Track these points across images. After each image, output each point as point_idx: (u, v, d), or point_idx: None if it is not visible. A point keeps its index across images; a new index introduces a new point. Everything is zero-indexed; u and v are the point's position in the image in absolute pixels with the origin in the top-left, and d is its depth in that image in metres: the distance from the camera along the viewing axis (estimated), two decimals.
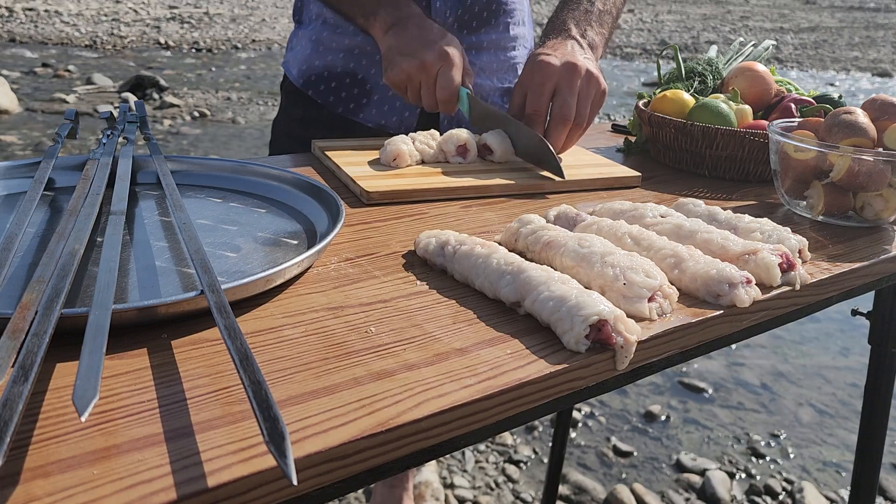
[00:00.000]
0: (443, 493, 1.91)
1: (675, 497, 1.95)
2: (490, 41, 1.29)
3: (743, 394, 2.46)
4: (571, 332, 0.56)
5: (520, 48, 1.35)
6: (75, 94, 6.41)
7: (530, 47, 1.39)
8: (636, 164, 1.14)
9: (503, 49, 1.31)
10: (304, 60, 1.31)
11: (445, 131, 1.07)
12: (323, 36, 1.28)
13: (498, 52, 1.30)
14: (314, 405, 0.48)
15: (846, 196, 0.90)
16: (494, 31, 1.29)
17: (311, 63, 1.30)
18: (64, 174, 0.88)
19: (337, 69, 1.28)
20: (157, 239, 0.73)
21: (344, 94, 1.29)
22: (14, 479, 0.40)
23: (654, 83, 3.13)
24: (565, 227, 0.79)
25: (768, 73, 1.20)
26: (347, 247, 0.76)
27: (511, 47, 1.33)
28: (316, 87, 1.30)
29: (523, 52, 1.36)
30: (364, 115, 1.28)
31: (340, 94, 1.29)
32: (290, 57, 1.36)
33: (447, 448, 0.51)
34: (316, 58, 1.29)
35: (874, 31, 14.48)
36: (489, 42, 1.29)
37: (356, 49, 1.26)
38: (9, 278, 0.62)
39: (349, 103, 1.29)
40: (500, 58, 1.31)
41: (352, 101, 1.28)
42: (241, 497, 0.42)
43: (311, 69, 1.30)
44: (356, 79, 1.27)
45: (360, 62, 1.27)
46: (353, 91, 1.28)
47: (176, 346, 0.54)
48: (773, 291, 0.69)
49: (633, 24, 13.92)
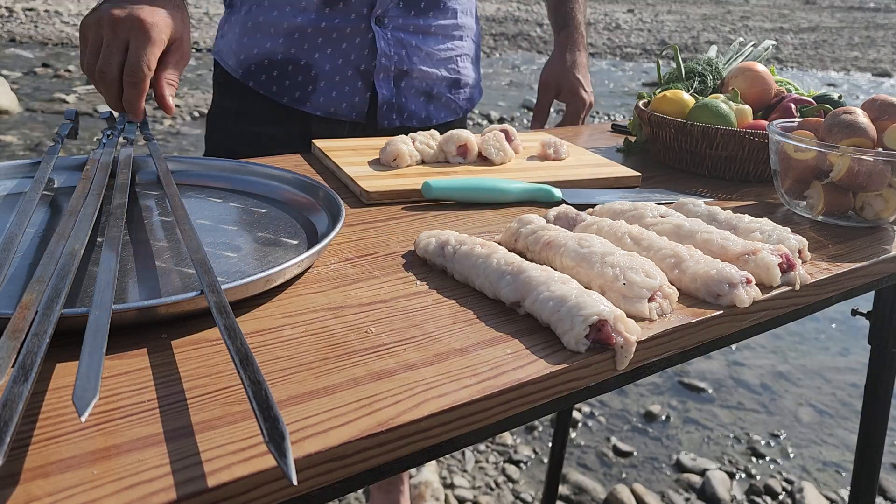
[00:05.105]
0: (443, 493, 1.91)
1: (675, 497, 1.95)
2: (438, 26, 1.26)
3: (743, 394, 2.46)
4: (571, 332, 0.56)
5: (466, 38, 1.33)
6: (75, 94, 6.41)
7: (477, 41, 1.38)
8: (636, 164, 1.14)
9: (449, 36, 1.29)
10: (240, 49, 1.23)
11: (385, 117, 1.15)
12: (259, 20, 1.20)
13: (445, 38, 1.28)
14: (314, 405, 0.48)
15: (846, 196, 0.90)
16: (443, 16, 1.26)
17: (248, 51, 1.22)
18: (64, 174, 0.88)
19: (277, 56, 1.20)
20: (157, 239, 0.73)
21: (288, 82, 1.21)
22: (14, 479, 0.40)
23: (654, 83, 3.13)
24: (565, 227, 0.79)
25: (768, 73, 1.20)
26: (347, 247, 0.76)
27: (458, 36, 1.30)
28: (257, 78, 1.22)
29: (469, 44, 1.34)
30: (311, 104, 1.22)
31: (284, 82, 1.21)
32: (223, 45, 1.27)
33: (447, 448, 0.51)
34: (253, 45, 1.21)
35: (874, 31, 14.48)
36: (437, 27, 1.26)
37: (296, 33, 1.19)
38: (9, 278, 0.62)
39: (294, 92, 1.22)
40: (447, 45, 1.28)
41: (297, 89, 1.21)
42: (241, 497, 0.42)
43: (250, 58, 1.22)
44: (299, 65, 1.20)
45: (301, 47, 1.20)
46: (298, 78, 1.21)
47: (176, 346, 0.54)
48: (773, 291, 0.69)
49: (633, 24, 13.92)
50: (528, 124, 4.28)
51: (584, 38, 1.42)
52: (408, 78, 1.24)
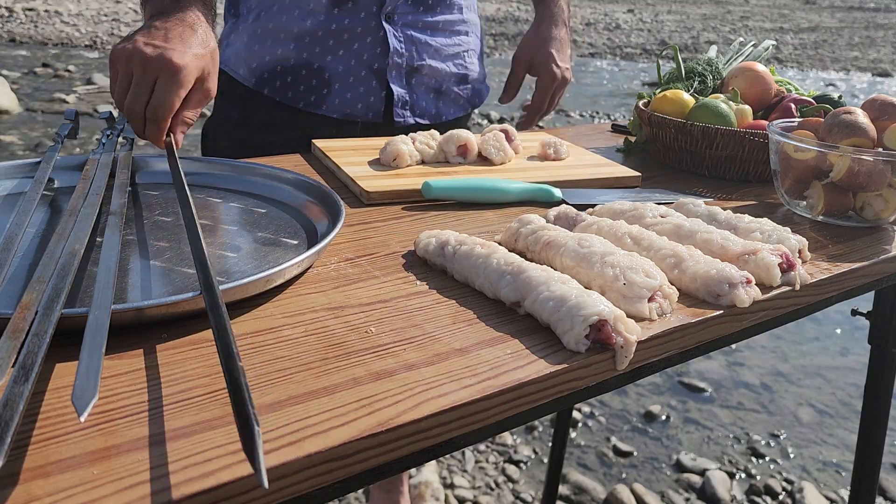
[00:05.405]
0: (443, 493, 1.91)
1: (675, 497, 1.95)
2: (445, 22, 1.27)
3: (743, 394, 2.46)
4: (571, 332, 0.56)
5: (471, 34, 1.34)
6: (75, 94, 6.41)
7: (480, 36, 1.39)
8: (636, 164, 1.14)
9: (456, 32, 1.29)
10: (251, 57, 1.22)
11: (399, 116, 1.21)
12: (268, 26, 1.20)
13: (451, 34, 1.29)
14: (314, 405, 0.48)
15: (846, 196, 0.90)
16: (449, 11, 1.27)
17: (260, 59, 1.21)
18: (64, 174, 0.88)
19: (290, 62, 1.20)
20: (157, 239, 0.73)
21: (303, 87, 1.21)
22: (14, 479, 0.40)
23: (654, 83, 3.13)
24: (565, 227, 0.79)
25: (768, 73, 1.20)
26: (347, 247, 0.76)
27: (464, 31, 1.31)
28: (271, 85, 1.22)
29: (474, 40, 1.35)
30: (327, 107, 1.22)
31: (299, 87, 1.21)
32: (230, 54, 1.26)
33: (447, 448, 0.51)
34: (264, 52, 1.21)
35: (874, 31, 14.48)
36: (444, 23, 1.27)
37: (306, 37, 1.19)
38: (9, 278, 0.62)
39: (310, 96, 1.22)
40: (454, 41, 1.29)
41: (312, 93, 1.22)
42: (241, 497, 0.42)
43: (262, 65, 1.21)
44: (312, 69, 1.20)
45: (313, 50, 1.19)
46: (312, 83, 1.21)
47: (176, 346, 0.54)
48: (773, 291, 0.69)
49: (633, 24, 13.92)
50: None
51: (563, 13, 1.38)
52: (418, 74, 1.25)
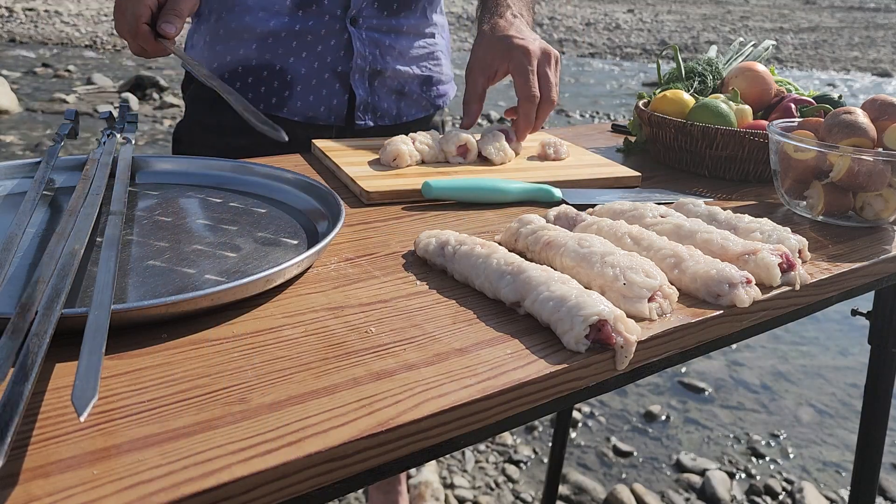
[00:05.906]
0: (443, 493, 1.91)
1: (675, 497, 1.95)
2: (410, 26, 1.25)
3: (743, 394, 2.46)
4: (571, 332, 0.56)
5: (438, 36, 1.32)
6: (75, 94, 6.41)
7: (447, 37, 1.37)
8: (636, 164, 1.14)
9: (422, 35, 1.28)
10: (213, 57, 1.19)
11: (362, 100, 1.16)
12: (231, 26, 1.17)
13: (417, 37, 1.27)
14: (314, 405, 0.48)
15: (846, 196, 0.90)
16: (413, 15, 1.25)
17: (221, 59, 1.18)
18: (64, 174, 0.88)
19: (252, 62, 1.17)
20: (156, 239, 0.73)
21: (264, 88, 1.18)
22: (14, 479, 0.40)
23: (654, 83, 3.12)
24: (565, 227, 0.79)
25: (768, 73, 1.20)
26: (347, 247, 0.76)
27: (430, 34, 1.29)
28: (231, 86, 1.18)
29: (441, 42, 1.33)
30: (289, 110, 1.19)
31: (260, 89, 1.18)
32: (193, 55, 1.22)
33: (447, 448, 0.51)
34: (226, 52, 1.18)
35: (874, 31, 14.48)
36: (409, 27, 1.25)
37: (269, 37, 1.16)
38: (9, 278, 0.62)
39: (271, 98, 1.18)
40: (419, 43, 1.27)
41: (273, 95, 1.18)
42: (241, 497, 0.42)
43: (223, 65, 1.18)
44: (274, 70, 1.17)
45: (276, 51, 1.16)
46: (274, 84, 1.18)
47: (176, 346, 0.54)
48: (773, 291, 0.69)
49: (633, 24, 13.92)
50: None
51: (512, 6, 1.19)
52: (381, 77, 1.23)
